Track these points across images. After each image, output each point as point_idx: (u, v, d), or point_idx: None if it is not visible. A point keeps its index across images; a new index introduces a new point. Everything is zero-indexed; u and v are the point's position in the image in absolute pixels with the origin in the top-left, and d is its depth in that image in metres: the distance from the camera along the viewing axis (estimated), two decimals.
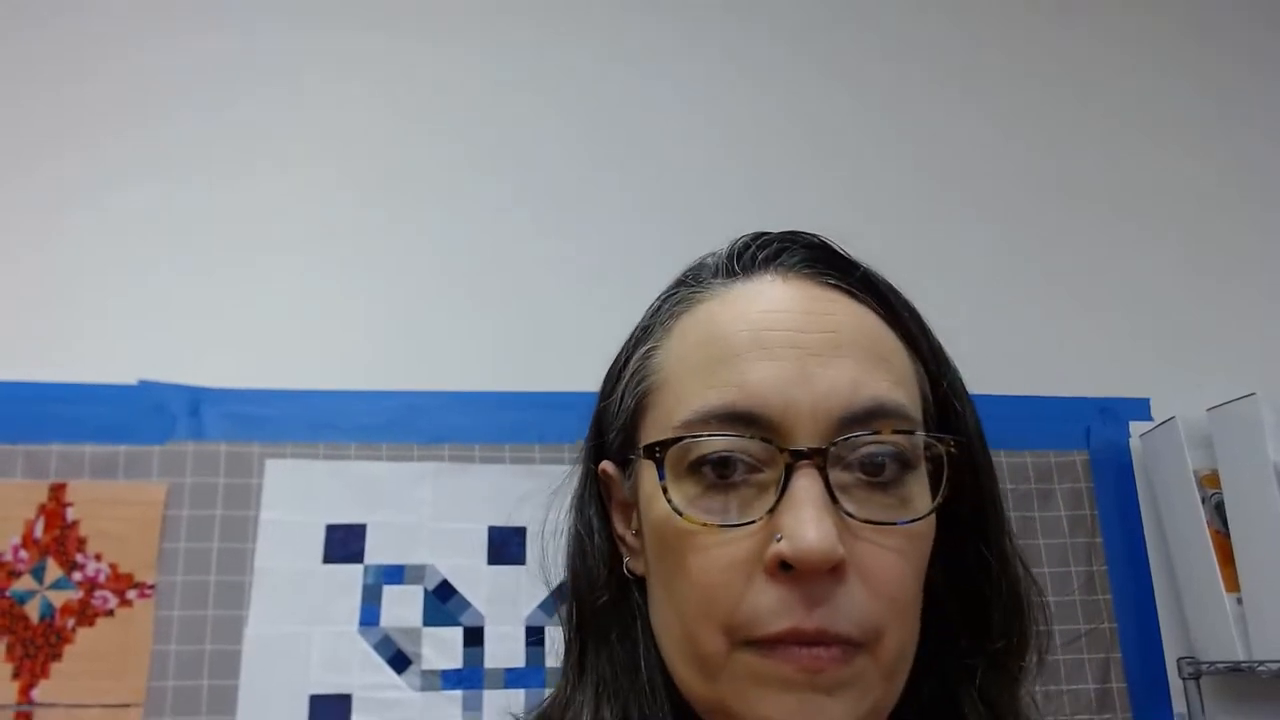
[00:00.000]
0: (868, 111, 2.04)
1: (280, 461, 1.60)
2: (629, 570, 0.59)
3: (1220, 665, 1.65)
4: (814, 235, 0.59)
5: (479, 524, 1.62)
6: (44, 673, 1.45)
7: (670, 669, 0.54)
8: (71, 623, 1.48)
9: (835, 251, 0.59)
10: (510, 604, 1.59)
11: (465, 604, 1.58)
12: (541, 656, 1.57)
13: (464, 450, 1.65)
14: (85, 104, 1.77)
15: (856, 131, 2.02)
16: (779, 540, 0.48)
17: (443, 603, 1.57)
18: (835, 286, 0.56)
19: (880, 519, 0.50)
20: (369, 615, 1.55)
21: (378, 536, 1.59)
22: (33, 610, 1.47)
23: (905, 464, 0.52)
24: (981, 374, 0.65)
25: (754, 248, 0.59)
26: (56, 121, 1.76)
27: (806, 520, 0.48)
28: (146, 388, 1.61)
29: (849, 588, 0.49)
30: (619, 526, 0.61)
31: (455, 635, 1.56)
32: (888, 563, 0.50)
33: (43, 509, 1.51)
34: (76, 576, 1.50)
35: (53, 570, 1.49)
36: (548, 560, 0.64)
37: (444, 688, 1.53)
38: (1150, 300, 1.98)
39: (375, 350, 1.72)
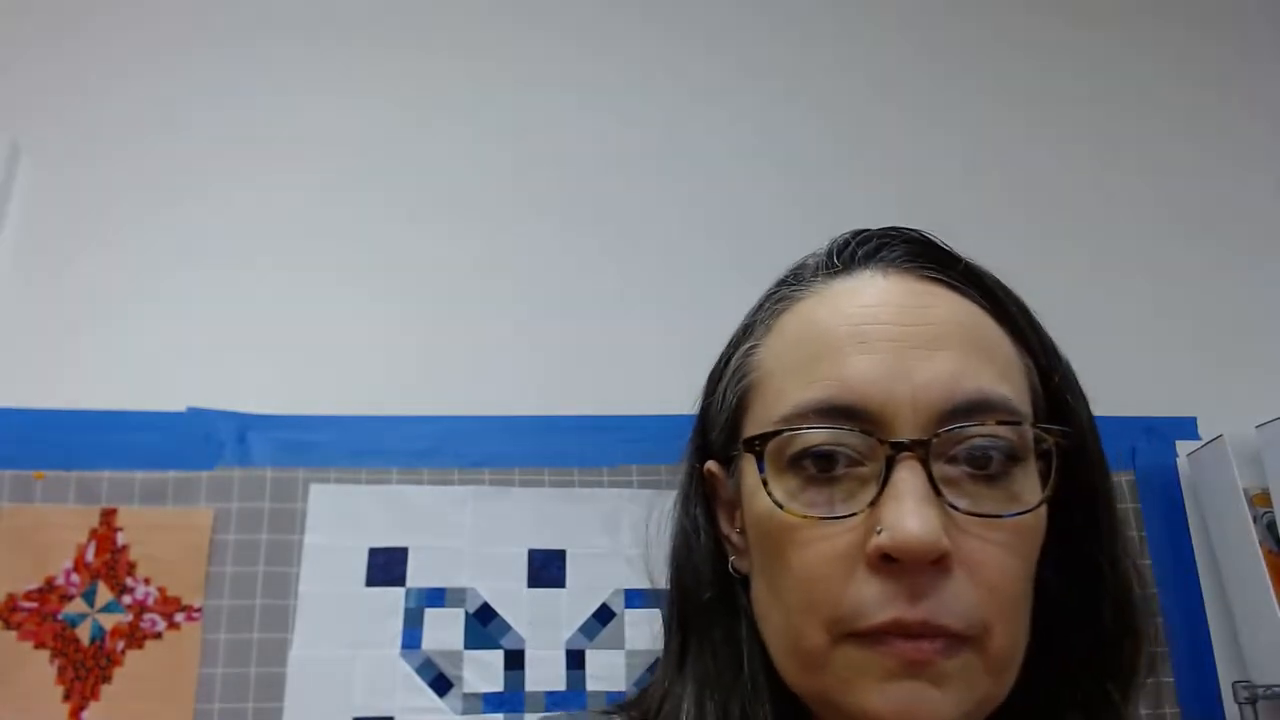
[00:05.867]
0: (916, 126, 2.04)
1: (324, 486, 1.62)
2: (734, 569, 0.59)
3: (1277, 688, 1.60)
4: (915, 230, 0.59)
5: (519, 547, 1.63)
6: (94, 695, 1.47)
7: (775, 662, 0.54)
8: (121, 645, 1.50)
9: (937, 245, 0.59)
10: (551, 627, 1.59)
11: (506, 627, 1.59)
12: (582, 680, 1.57)
13: (504, 474, 1.66)
14: (125, 133, 1.82)
15: (904, 146, 2.02)
16: (879, 533, 0.48)
17: (484, 625, 1.58)
18: (937, 280, 0.56)
19: (986, 512, 0.50)
20: (411, 638, 1.56)
21: (419, 560, 1.60)
22: (84, 633, 1.50)
23: (1013, 457, 0.51)
24: None
25: (854, 244, 0.59)
26: (100, 152, 1.81)
27: (907, 512, 0.47)
28: (195, 415, 1.64)
29: (954, 581, 0.48)
30: (724, 526, 0.61)
31: (496, 658, 1.57)
32: (994, 557, 0.49)
33: (94, 534, 1.55)
34: (126, 600, 1.52)
35: (103, 594, 1.52)
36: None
37: (485, 711, 1.53)
38: (1195, 318, 1.95)
39: (416, 376, 1.74)
